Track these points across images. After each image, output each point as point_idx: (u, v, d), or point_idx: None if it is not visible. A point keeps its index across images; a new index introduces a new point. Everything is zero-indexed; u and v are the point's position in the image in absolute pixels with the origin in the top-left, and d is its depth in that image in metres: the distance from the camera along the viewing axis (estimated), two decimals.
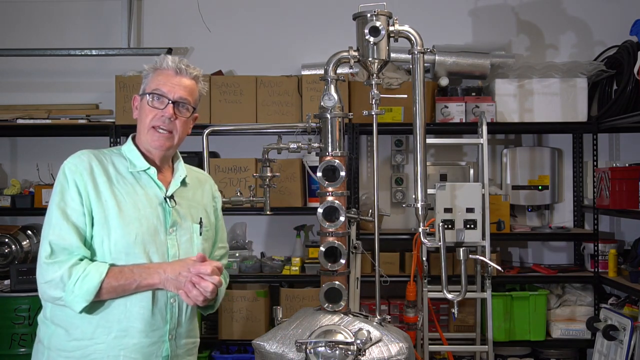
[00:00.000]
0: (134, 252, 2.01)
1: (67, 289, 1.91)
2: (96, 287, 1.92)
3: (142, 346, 2.02)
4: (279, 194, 4.27)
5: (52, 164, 4.66)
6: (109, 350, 1.99)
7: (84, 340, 1.99)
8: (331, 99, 2.47)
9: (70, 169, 2.03)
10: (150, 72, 2.14)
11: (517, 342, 4.37)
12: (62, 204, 2.00)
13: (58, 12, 4.83)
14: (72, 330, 2.00)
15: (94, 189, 2.02)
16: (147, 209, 2.06)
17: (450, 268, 4.20)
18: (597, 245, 4.38)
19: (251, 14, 4.81)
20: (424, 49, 2.49)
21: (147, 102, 2.10)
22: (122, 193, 2.05)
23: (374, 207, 2.55)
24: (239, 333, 4.31)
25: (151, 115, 2.09)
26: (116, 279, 1.95)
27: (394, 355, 2.25)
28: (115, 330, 2.00)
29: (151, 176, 2.12)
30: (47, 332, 2.04)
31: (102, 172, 2.05)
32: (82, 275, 1.92)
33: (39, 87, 4.80)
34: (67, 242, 1.95)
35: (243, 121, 4.30)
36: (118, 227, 2.00)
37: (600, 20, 4.74)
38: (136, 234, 2.01)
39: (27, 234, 4.51)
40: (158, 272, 1.98)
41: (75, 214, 1.99)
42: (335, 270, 2.44)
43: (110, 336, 2.00)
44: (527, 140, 4.78)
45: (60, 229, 1.96)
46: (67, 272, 1.92)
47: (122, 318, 2.00)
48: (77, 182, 2.01)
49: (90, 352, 1.99)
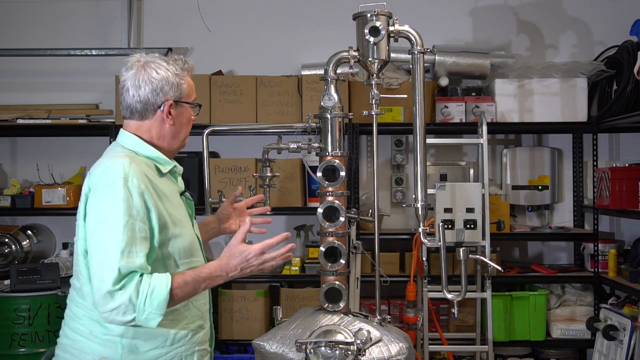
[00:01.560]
0: (192, 250, 2.07)
1: (137, 309, 1.84)
2: (166, 299, 1.86)
3: (205, 335, 2.13)
4: (279, 194, 4.27)
5: (52, 164, 4.66)
6: (187, 350, 2.06)
7: (166, 347, 2.01)
8: (331, 99, 2.47)
9: (134, 184, 1.91)
10: (183, 75, 2.08)
11: (517, 342, 4.37)
12: (130, 224, 1.87)
13: (58, 12, 4.82)
14: (152, 340, 1.99)
15: (158, 198, 1.97)
16: (182, 206, 2.11)
17: (450, 268, 4.20)
18: (597, 245, 4.38)
19: (251, 13, 4.81)
20: (424, 49, 2.49)
21: (192, 113, 2.12)
22: (167, 196, 2.03)
23: (374, 207, 2.55)
24: (239, 333, 4.31)
25: (191, 125, 2.13)
26: (182, 290, 1.92)
27: (394, 355, 2.25)
28: (191, 330, 2.07)
29: (173, 175, 2.14)
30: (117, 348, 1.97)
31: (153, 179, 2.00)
32: (149, 292, 1.85)
33: (39, 87, 4.80)
34: (137, 264, 1.86)
35: (243, 121, 4.30)
36: (180, 230, 2.03)
37: (600, 20, 4.74)
38: (189, 232, 2.07)
39: (27, 234, 4.51)
40: (220, 276, 1.99)
41: (144, 233, 1.90)
42: (335, 270, 2.44)
43: (187, 337, 2.06)
44: (527, 140, 4.78)
45: (129, 253, 1.85)
46: (134, 292, 1.84)
47: (192, 317, 2.07)
48: (145, 197, 1.92)
49: (172, 356, 2.03)
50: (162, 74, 2.03)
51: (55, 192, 4.38)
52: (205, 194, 2.84)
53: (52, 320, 3.87)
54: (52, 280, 3.96)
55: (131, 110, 2.06)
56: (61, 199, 4.36)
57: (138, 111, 2.05)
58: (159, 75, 2.03)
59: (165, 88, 2.03)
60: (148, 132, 2.07)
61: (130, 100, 2.04)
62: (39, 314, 3.85)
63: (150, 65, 2.04)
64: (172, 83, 2.04)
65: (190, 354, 2.06)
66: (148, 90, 2.02)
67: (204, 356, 2.12)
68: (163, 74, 2.03)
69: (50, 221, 4.76)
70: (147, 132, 2.07)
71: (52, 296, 3.89)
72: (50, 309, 3.87)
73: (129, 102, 2.05)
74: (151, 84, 2.02)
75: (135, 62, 2.05)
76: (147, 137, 2.07)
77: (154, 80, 2.02)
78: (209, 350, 2.17)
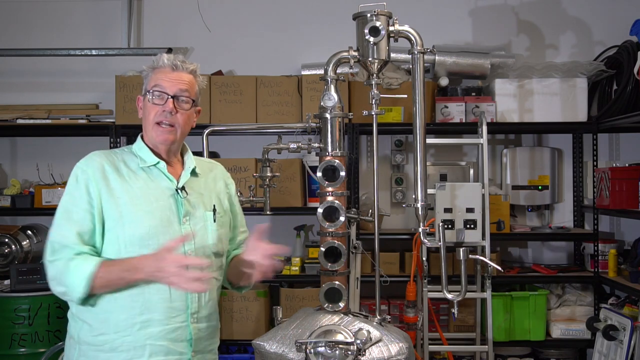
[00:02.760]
0: (148, 243, 2.07)
1: (65, 282, 2.02)
2: (87, 278, 1.98)
3: (166, 332, 2.09)
4: (279, 194, 4.27)
5: (52, 164, 4.66)
6: (135, 341, 2.06)
7: (110, 334, 2.07)
8: (331, 99, 2.47)
9: (82, 170, 2.10)
10: (149, 72, 2.21)
11: (517, 342, 4.37)
12: (67, 204, 2.09)
13: (58, 12, 4.83)
14: (96, 325, 2.08)
15: (107, 187, 2.09)
16: (160, 201, 2.14)
17: (450, 268, 4.20)
18: (597, 245, 4.38)
19: (251, 13, 4.81)
20: (424, 49, 2.49)
21: (148, 99, 2.17)
22: (134, 188, 2.13)
23: (374, 207, 2.55)
24: (239, 333, 4.31)
25: (153, 112, 2.17)
26: (108, 272, 2.02)
27: (394, 355, 2.25)
28: (138, 322, 2.06)
29: (161, 170, 2.19)
30: (76, 327, 2.13)
31: (113, 171, 2.13)
32: (75, 268, 2.01)
33: (39, 87, 4.80)
34: (67, 239, 2.04)
35: (243, 121, 4.30)
36: (132, 221, 2.08)
37: (600, 20, 4.74)
38: (149, 226, 2.09)
39: (27, 234, 4.51)
40: (138, 268, 2.01)
41: (80, 212, 2.06)
42: (335, 270, 2.44)
43: (134, 328, 2.06)
44: (527, 140, 4.78)
45: (61, 228, 2.07)
46: (65, 266, 2.01)
47: (143, 309, 2.07)
48: (87, 183, 2.08)
49: (118, 344, 2.06)
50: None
51: (55, 192, 4.38)
52: None
53: (52, 320, 3.87)
54: None
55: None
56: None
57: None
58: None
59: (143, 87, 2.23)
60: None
61: None
62: (39, 314, 3.85)
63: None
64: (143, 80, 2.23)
65: (140, 346, 2.06)
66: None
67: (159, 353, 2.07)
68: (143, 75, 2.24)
69: (50, 221, 4.71)
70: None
71: (52, 296, 3.84)
72: (50, 309, 3.87)
73: None
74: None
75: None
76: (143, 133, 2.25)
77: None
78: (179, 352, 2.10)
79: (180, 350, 2.11)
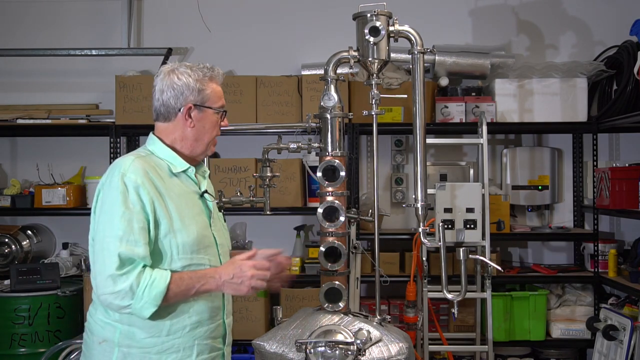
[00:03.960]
0: (197, 249, 2.12)
1: (136, 297, 1.97)
2: (163, 292, 1.99)
3: (210, 331, 2.18)
4: (279, 194, 4.27)
5: (52, 164, 4.66)
6: (185, 342, 2.12)
7: (161, 337, 2.09)
8: (331, 99, 2.47)
9: (131, 179, 2.04)
10: (206, 81, 2.20)
11: (517, 342, 4.37)
12: (127, 214, 2.01)
13: (58, 12, 4.83)
14: (148, 329, 2.08)
15: (156, 194, 2.07)
16: (196, 206, 2.19)
17: (450, 268, 4.20)
18: (597, 245, 4.38)
19: (251, 13, 4.81)
20: (424, 49, 2.49)
21: (217, 118, 2.22)
22: (176, 194, 2.13)
23: (374, 207, 2.55)
24: (238, 333, 4.25)
25: (216, 130, 2.23)
26: (177, 286, 2.03)
27: (394, 355, 2.25)
28: (188, 324, 2.12)
29: (190, 175, 2.22)
30: (115, 332, 2.09)
31: (157, 177, 2.11)
32: (149, 282, 1.99)
33: (39, 87, 4.80)
34: (136, 253, 2.00)
35: (243, 121, 4.29)
36: (182, 228, 2.10)
37: (600, 20, 4.74)
38: (196, 231, 2.13)
39: (27, 234, 4.51)
40: (214, 277, 2.08)
41: (140, 223, 2.02)
42: (335, 270, 2.44)
43: (185, 330, 2.12)
44: (527, 140, 4.78)
45: (128, 241, 1.99)
46: (136, 281, 1.98)
47: (192, 312, 2.13)
48: (139, 191, 2.04)
49: (168, 346, 2.10)
50: (183, 79, 2.16)
51: (55, 192, 4.38)
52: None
53: (52, 320, 3.87)
54: (52, 280, 3.96)
55: (157, 113, 2.22)
56: (61, 199, 4.36)
57: (162, 114, 2.20)
58: (181, 81, 2.16)
59: (186, 93, 2.16)
60: (171, 134, 2.20)
61: (157, 104, 2.21)
62: (39, 314, 3.85)
63: (175, 71, 2.19)
64: (192, 88, 2.17)
65: (189, 346, 2.12)
66: (171, 94, 2.17)
67: (205, 351, 2.17)
68: (184, 80, 2.16)
69: (50, 221, 4.76)
70: (170, 134, 2.21)
71: (52, 296, 3.89)
72: (50, 309, 3.87)
73: (156, 105, 2.21)
74: (173, 89, 2.17)
75: (164, 70, 2.22)
76: (170, 139, 2.21)
77: (176, 85, 2.16)
78: (218, 347, 2.22)
79: (218, 346, 2.22)
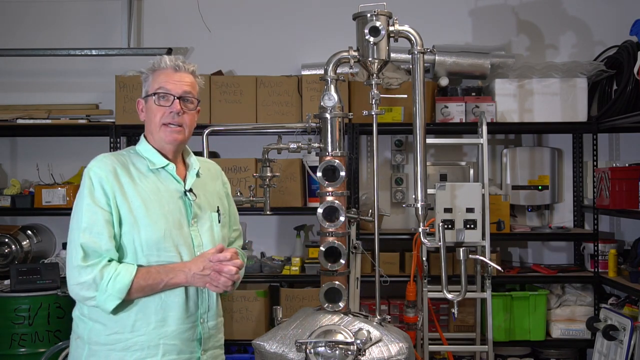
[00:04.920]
0: (164, 246, 2.11)
1: (99, 289, 2.00)
2: (127, 285, 2.00)
3: (179, 332, 2.13)
4: (279, 194, 4.27)
5: (52, 164, 4.66)
6: (150, 340, 2.10)
7: (125, 334, 2.09)
8: (331, 99, 2.47)
9: (96, 173, 2.08)
10: (149, 74, 2.23)
11: (517, 342, 4.37)
12: (91, 207, 2.04)
13: (58, 12, 4.83)
14: (111, 324, 2.08)
15: (120, 190, 2.09)
16: (171, 204, 2.16)
17: (450, 268, 4.20)
18: (597, 245, 4.38)
19: (251, 14, 4.81)
20: (424, 49, 2.49)
21: (154, 101, 2.19)
22: (146, 191, 2.13)
23: (374, 207, 2.55)
24: (238, 333, 4.31)
25: (160, 113, 2.19)
26: (144, 279, 2.04)
27: (394, 355, 2.25)
28: (153, 321, 2.10)
29: (170, 172, 2.21)
30: (85, 328, 2.12)
31: (125, 173, 2.13)
32: (114, 276, 2.00)
33: (39, 87, 4.80)
34: (99, 245, 2.02)
35: (243, 121, 4.30)
36: (147, 225, 2.09)
37: (600, 20, 4.74)
38: (164, 229, 2.11)
39: (27, 234, 4.51)
40: (183, 271, 2.09)
41: (105, 216, 2.05)
42: (335, 270, 2.44)
43: (149, 327, 2.10)
44: (527, 140, 4.78)
45: (91, 233, 2.03)
46: (99, 273, 2.00)
47: (158, 309, 2.10)
48: (103, 185, 2.07)
49: (131, 344, 2.08)
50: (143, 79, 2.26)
51: (55, 192, 4.38)
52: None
53: (52, 320, 3.87)
54: (52, 280, 3.95)
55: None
56: (61, 199, 4.36)
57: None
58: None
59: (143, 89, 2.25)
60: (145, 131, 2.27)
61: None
62: (39, 314, 3.85)
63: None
64: (143, 85, 2.25)
65: (154, 345, 2.10)
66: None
67: (172, 352, 2.11)
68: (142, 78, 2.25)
69: (50, 221, 4.76)
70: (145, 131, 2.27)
71: (52, 296, 3.89)
72: (50, 309, 3.87)
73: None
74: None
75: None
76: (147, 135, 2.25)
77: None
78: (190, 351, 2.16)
79: (190, 349, 2.17)
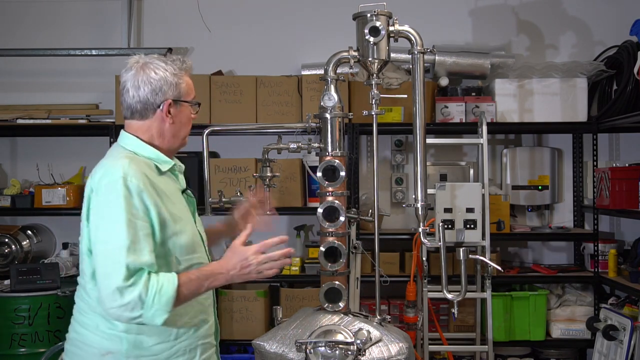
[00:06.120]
0: (195, 247, 2.10)
1: (145, 306, 1.88)
2: (172, 297, 1.90)
3: (208, 329, 2.16)
4: (279, 194, 4.26)
5: (52, 164, 4.66)
6: (190, 344, 2.09)
7: (170, 341, 2.05)
8: (331, 99, 2.47)
9: (133, 183, 1.93)
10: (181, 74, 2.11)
11: (517, 342, 4.37)
12: (132, 222, 1.91)
13: (58, 12, 4.82)
14: (157, 334, 2.03)
15: (158, 197, 1.99)
16: (183, 204, 2.14)
17: (450, 268, 4.20)
18: (597, 245, 4.38)
19: (251, 14, 4.81)
20: (424, 49, 2.50)
21: (191, 112, 2.15)
22: (168, 194, 2.05)
23: (374, 207, 2.55)
24: (239, 333, 4.31)
25: (190, 124, 2.16)
26: (187, 288, 1.96)
27: (394, 355, 2.25)
28: (194, 324, 2.10)
29: (174, 172, 2.16)
30: (122, 343, 2.01)
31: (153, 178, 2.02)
32: (158, 289, 1.89)
33: (39, 87, 4.80)
34: (143, 262, 1.90)
35: (243, 121, 4.30)
36: (181, 227, 2.05)
37: (600, 20, 4.74)
38: (190, 229, 2.09)
39: (27, 234, 4.51)
40: (221, 273, 2.02)
41: (146, 230, 1.94)
42: (335, 270, 2.44)
43: (191, 331, 2.10)
44: (527, 140, 4.78)
45: (134, 250, 1.90)
46: (144, 289, 1.87)
47: (198, 313, 2.11)
48: (142, 195, 1.94)
49: (175, 350, 2.06)
50: (160, 74, 2.06)
51: (55, 192, 4.38)
52: (206, 194, 2.84)
53: (52, 320, 3.87)
54: (52, 280, 3.95)
55: (132, 111, 2.09)
56: (61, 199, 4.36)
57: (138, 111, 2.08)
58: (158, 75, 2.06)
59: (164, 88, 2.06)
60: (148, 132, 2.10)
61: (131, 101, 2.08)
62: (39, 314, 3.85)
63: (149, 66, 2.07)
64: (170, 82, 2.07)
65: (194, 347, 2.10)
66: (147, 90, 2.06)
67: (207, 349, 2.15)
68: (161, 74, 2.06)
69: (50, 221, 4.76)
70: (147, 131, 2.10)
71: (52, 296, 3.89)
72: (50, 309, 3.87)
73: (129, 102, 2.08)
74: (150, 84, 2.06)
75: (134, 64, 2.09)
76: (147, 136, 2.10)
77: (153, 80, 2.06)
78: (214, 344, 2.21)
79: (214, 342, 2.20)
